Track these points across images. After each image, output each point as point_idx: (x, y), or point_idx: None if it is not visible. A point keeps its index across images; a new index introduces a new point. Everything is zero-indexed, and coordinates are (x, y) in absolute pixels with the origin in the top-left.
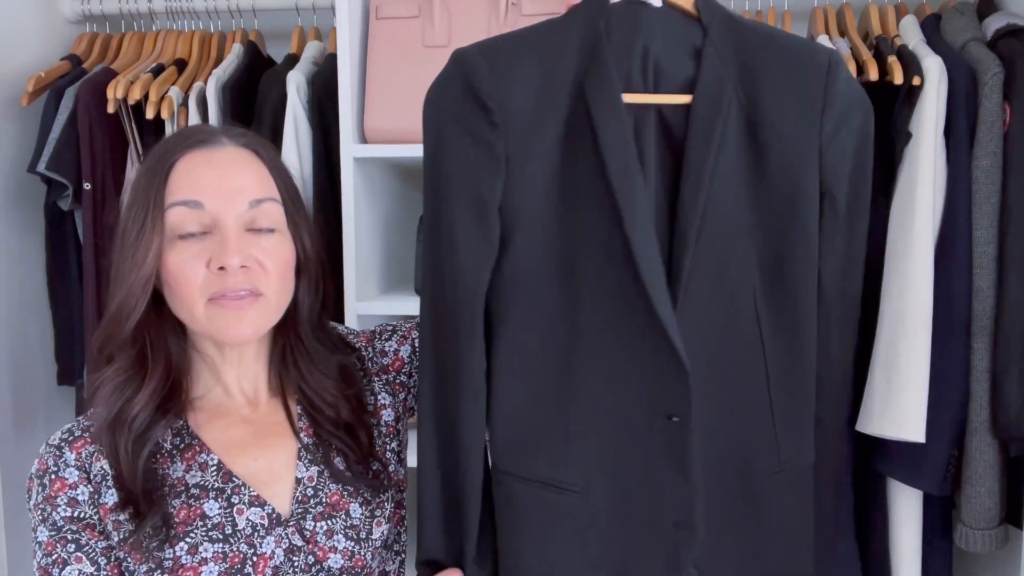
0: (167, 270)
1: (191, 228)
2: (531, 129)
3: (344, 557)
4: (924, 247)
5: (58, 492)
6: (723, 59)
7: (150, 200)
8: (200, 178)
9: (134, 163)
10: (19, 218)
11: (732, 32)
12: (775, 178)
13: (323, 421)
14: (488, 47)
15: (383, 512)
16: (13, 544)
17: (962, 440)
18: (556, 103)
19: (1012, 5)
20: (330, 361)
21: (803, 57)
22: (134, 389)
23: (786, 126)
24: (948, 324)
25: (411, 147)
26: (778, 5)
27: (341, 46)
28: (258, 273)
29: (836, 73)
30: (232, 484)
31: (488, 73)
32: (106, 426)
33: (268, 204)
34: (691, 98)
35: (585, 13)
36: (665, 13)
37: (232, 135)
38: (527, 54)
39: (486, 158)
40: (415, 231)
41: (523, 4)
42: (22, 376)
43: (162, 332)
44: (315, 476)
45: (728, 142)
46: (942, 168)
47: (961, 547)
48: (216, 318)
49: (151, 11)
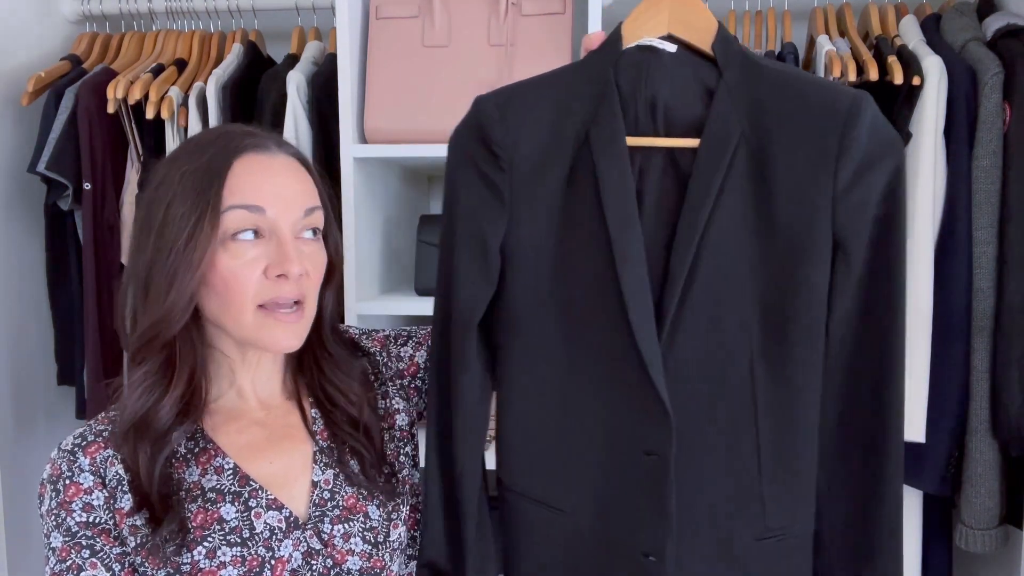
0: (216, 273)
1: (248, 232)
2: (536, 173)
3: (362, 559)
4: (924, 247)
5: (73, 497)
6: (735, 102)
7: (206, 201)
8: (262, 183)
9: (134, 163)
10: (19, 218)
11: (749, 74)
12: (781, 227)
13: (341, 422)
14: (504, 94)
15: (399, 515)
16: (13, 544)
17: (962, 440)
18: (562, 148)
19: (1012, 5)
20: (352, 363)
21: (821, 101)
22: (161, 393)
23: (796, 174)
24: (948, 324)
25: (411, 147)
26: (778, 5)
27: (341, 46)
28: (306, 281)
29: (856, 120)
30: (249, 488)
31: (499, 121)
32: (129, 429)
33: (317, 212)
34: (699, 142)
35: (598, 59)
36: (679, 56)
37: (279, 143)
38: (539, 101)
39: (492, 200)
40: (415, 231)
41: (523, 4)
42: (22, 376)
43: (189, 336)
44: (331, 479)
45: (733, 187)
46: (942, 168)
47: (961, 547)
48: (266, 327)
49: (151, 11)
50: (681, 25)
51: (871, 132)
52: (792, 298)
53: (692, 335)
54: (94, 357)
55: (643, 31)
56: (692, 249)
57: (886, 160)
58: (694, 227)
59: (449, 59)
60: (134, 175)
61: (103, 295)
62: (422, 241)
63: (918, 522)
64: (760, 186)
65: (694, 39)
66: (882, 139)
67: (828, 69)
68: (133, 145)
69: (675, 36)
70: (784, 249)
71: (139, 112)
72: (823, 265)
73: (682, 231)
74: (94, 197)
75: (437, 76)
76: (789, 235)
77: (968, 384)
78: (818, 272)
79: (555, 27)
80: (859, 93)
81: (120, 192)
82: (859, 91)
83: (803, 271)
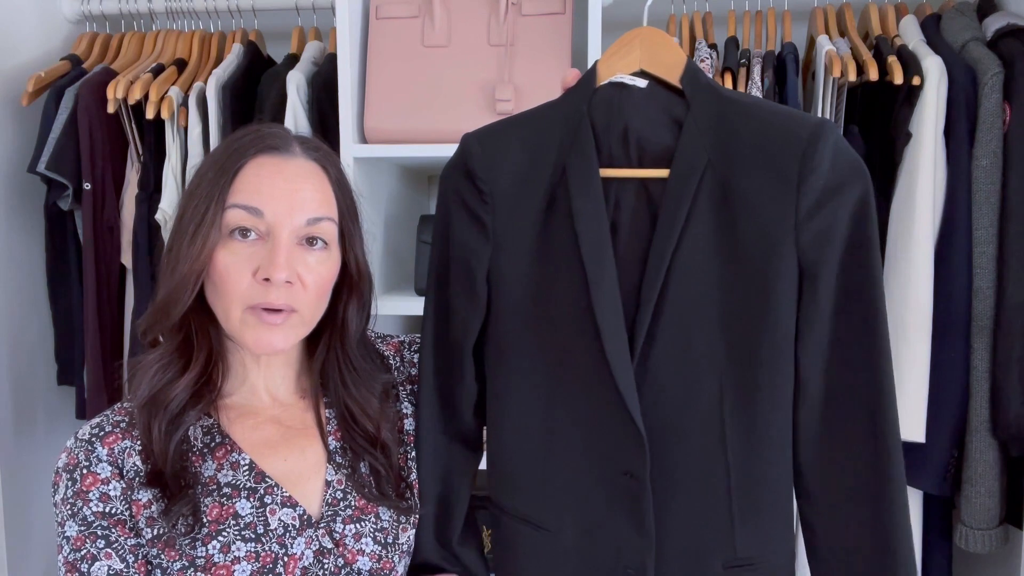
0: (215, 267)
1: (248, 232)
2: (516, 205)
3: (372, 560)
4: (924, 247)
5: (90, 487)
6: (702, 132)
7: (214, 196)
8: (266, 185)
9: (134, 163)
10: (19, 218)
11: (716, 106)
12: (744, 253)
13: (357, 435)
14: (486, 132)
15: (409, 519)
16: (13, 544)
17: (962, 440)
18: (539, 181)
19: (1012, 5)
20: (376, 379)
21: (782, 130)
22: (177, 372)
23: (758, 201)
24: (948, 324)
25: (411, 147)
26: (778, 5)
27: (341, 46)
28: (298, 290)
29: (815, 146)
30: (265, 484)
31: (481, 157)
32: (144, 404)
33: (325, 223)
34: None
35: (573, 96)
36: (650, 91)
37: (306, 147)
38: (518, 137)
39: (477, 231)
40: (415, 231)
41: (523, 4)
42: (22, 376)
43: (205, 323)
44: (344, 479)
45: (700, 215)
46: (942, 168)
47: (961, 547)
48: (249, 327)
49: (151, 11)
50: (652, 61)
51: (833, 159)
52: (757, 323)
53: (663, 359)
54: (94, 357)
55: (616, 68)
56: (660, 277)
57: (851, 187)
58: (663, 255)
59: (449, 59)
60: (134, 175)
61: (103, 295)
62: (422, 241)
63: (918, 522)
64: (724, 213)
65: (664, 74)
66: (845, 166)
67: (828, 69)
68: (133, 145)
69: (646, 71)
70: (748, 275)
71: (139, 112)
72: (788, 291)
73: (652, 259)
74: (94, 197)
75: (437, 76)
76: (752, 261)
77: (968, 384)
78: (782, 298)
79: (555, 27)
80: (821, 120)
81: (120, 192)
82: (822, 119)
83: (766, 297)
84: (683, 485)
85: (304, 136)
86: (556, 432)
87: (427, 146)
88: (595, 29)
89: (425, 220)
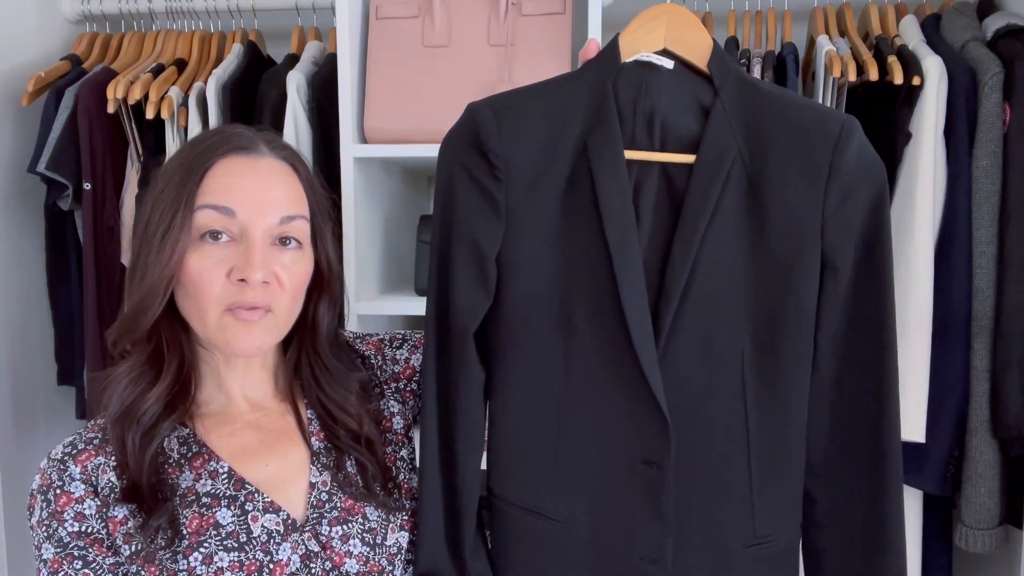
0: (187, 272)
1: (220, 234)
2: (533, 184)
3: (360, 562)
4: (924, 247)
5: (64, 507)
6: (731, 120)
7: (182, 198)
8: (236, 185)
9: (134, 163)
10: (19, 218)
11: (744, 93)
12: (773, 244)
13: (341, 433)
14: (499, 102)
15: (397, 519)
16: (13, 544)
17: (962, 440)
18: (560, 159)
19: (1012, 5)
20: (350, 377)
21: (813, 124)
22: (148, 383)
23: (788, 193)
24: (948, 324)
25: (411, 147)
26: (778, 5)
27: (341, 46)
28: (275, 289)
29: (846, 143)
30: (245, 491)
31: (495, 129)
32: (116, 419)
33: (298, 221)
34: (694, 158)
35: (596, 70)
36: (676, 73)
37: (273, 146)
38: (536, 110)
39: (488, 210)
40: (415, 231)
41: (523, 4)
42: (22, 376)
43: (176, 331)
44: (328, 480)
45: (728, 204)
46: (942, 168)
47: (961, 547)
48: (227, 327)
49: (151, 11)
50: (678, 41)
51: (858, 155)
52: (781, 312)
53: (687, 347)
54: (94, 357)
55: (640, 45)
56: (688, 264)
57: (871, 182)
58: (690, 242)
59: (449, 59)
60: (134, 175)
61: (103, 295)
62: (422, 241)
63: (918, 522)
64: (754, 204)
65: (690, 56)
66: (867, 162)
67: (828, 69)
68: (133, 145)
69: (671, 52)
70: (775, 264)
71: (139, 112)
72: (812, 281)
73: (678, 246)
74: (94, 197)
75: (437, 76)
76: (781, 251)
77: (968, 384)
78: (807, 287)
79: (555, 27)
80: (848, 118)
81: (120, 192)
82: (848, 115)
83: (793, 286)
84: (703, 471)
85: (270, 135)
86: (570, 421)
87: (427, 146)
88: (595, 29)
89: (425, 220)
